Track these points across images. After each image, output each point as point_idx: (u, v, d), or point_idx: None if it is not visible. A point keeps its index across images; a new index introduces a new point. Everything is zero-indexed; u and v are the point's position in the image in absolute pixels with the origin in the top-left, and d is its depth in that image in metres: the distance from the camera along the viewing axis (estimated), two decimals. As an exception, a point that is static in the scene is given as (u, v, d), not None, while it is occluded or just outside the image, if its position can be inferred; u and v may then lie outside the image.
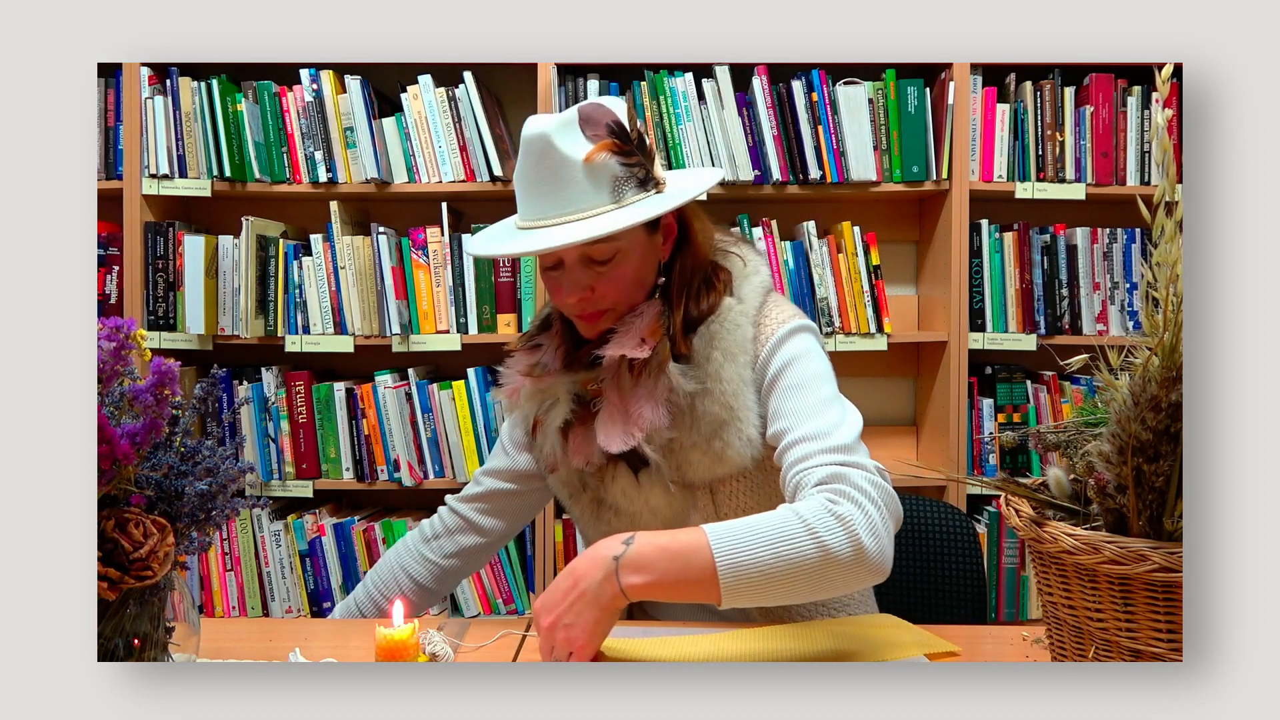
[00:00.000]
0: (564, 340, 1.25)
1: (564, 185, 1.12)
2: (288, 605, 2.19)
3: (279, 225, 2.22)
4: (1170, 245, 0.78)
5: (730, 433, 1.15)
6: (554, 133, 1.11)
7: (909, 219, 2.38)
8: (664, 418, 1.14)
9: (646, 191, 1.14)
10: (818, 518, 0.97)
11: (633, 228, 1.13)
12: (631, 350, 1.14)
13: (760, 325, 1.18)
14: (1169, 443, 0.76)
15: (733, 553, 0.95)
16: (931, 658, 1.07)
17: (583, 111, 1.14)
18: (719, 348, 1.16)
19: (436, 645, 1.06)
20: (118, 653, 0.84)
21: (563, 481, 1.28)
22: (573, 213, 1.12)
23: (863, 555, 0.98)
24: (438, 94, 2.12)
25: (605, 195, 1.12)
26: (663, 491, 1.19)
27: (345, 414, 2.17)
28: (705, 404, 1.15)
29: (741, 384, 1.15)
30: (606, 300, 1.17)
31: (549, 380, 1.22)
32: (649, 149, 1.16)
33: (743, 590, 0.95)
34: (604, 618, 0.97)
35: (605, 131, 1.13)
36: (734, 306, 1.19)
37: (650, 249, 1.19)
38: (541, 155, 1.12)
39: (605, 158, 1.11)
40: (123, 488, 0.84)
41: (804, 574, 0.96)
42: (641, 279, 1.19)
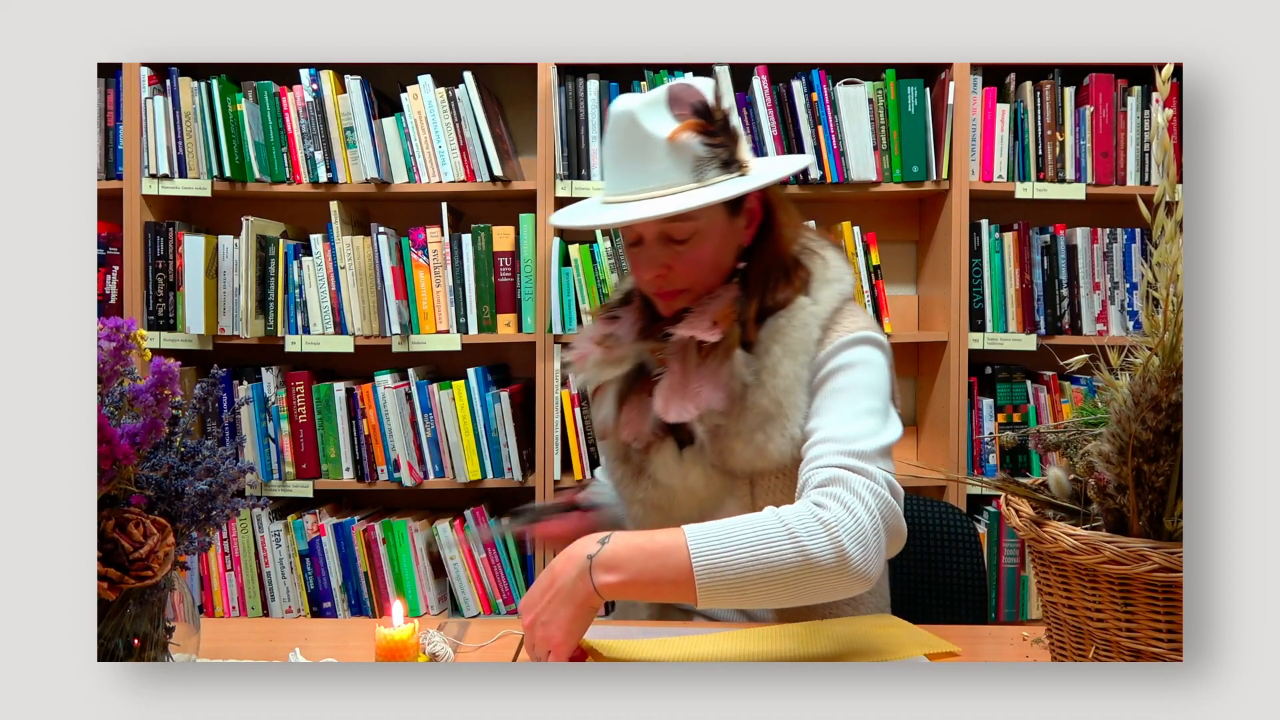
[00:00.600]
0: (641, 315, 1.27)
1: (646, 162, 1.13)
2: (288, 605, 2.19)
3: (279, 225, 2.22)
4: (1170, 245, 0.78)
5: (774, 428, 1.15)
6: (640, 111, 1.13)
7: (909, 219, 2.38)
8: (721, 401, 1.15)
9: (729, 173, 1.15)
10: (801, 522, 0.97)
11: (712, 208, 1.14)
12: (703, 332, 1.15)
13: (828, 331, 1.18)
14: (1169, 443, 0.76)
15: (710, 553, 0.95)
16: (931, 658, 1.07)
17: (672, 90, 1.15)
18: (781, 342, 1.16)
19: (436, 645, 1.06)
20: (118, 653, 0.84)
21: (610, 447, 1.30)
22: (653, 189, 1.13)
23: (845, 563, 0.97)
24: (438, 94, 2.12)
25: (687, 174, 1.13)
26: (703, 473, 1.19)
27: (345, 414, 2.17)
28: (756, 396, 1.15)
29: (795, 382, 1.15)
30: (682, 280, 1.18)
31: (618, 350, 1.24)
32: (734, 131, 1.17)
33: (719, 591, 0.95)
34: (579, 615, 0.96)
35: (690, 111, 1.14)
36: (807, 306, 1.18)
37: (731, 232, 1.20)
38: (627, 132, 1.14)
39: (689, 137, 1.13)
40: (123, 488, 0.84)
41: (782, 578, 0.95)
42: (719, 262, 1.20)
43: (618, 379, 1.25)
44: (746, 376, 1.15)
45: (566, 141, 2.12)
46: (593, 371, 1.27)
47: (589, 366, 1.27)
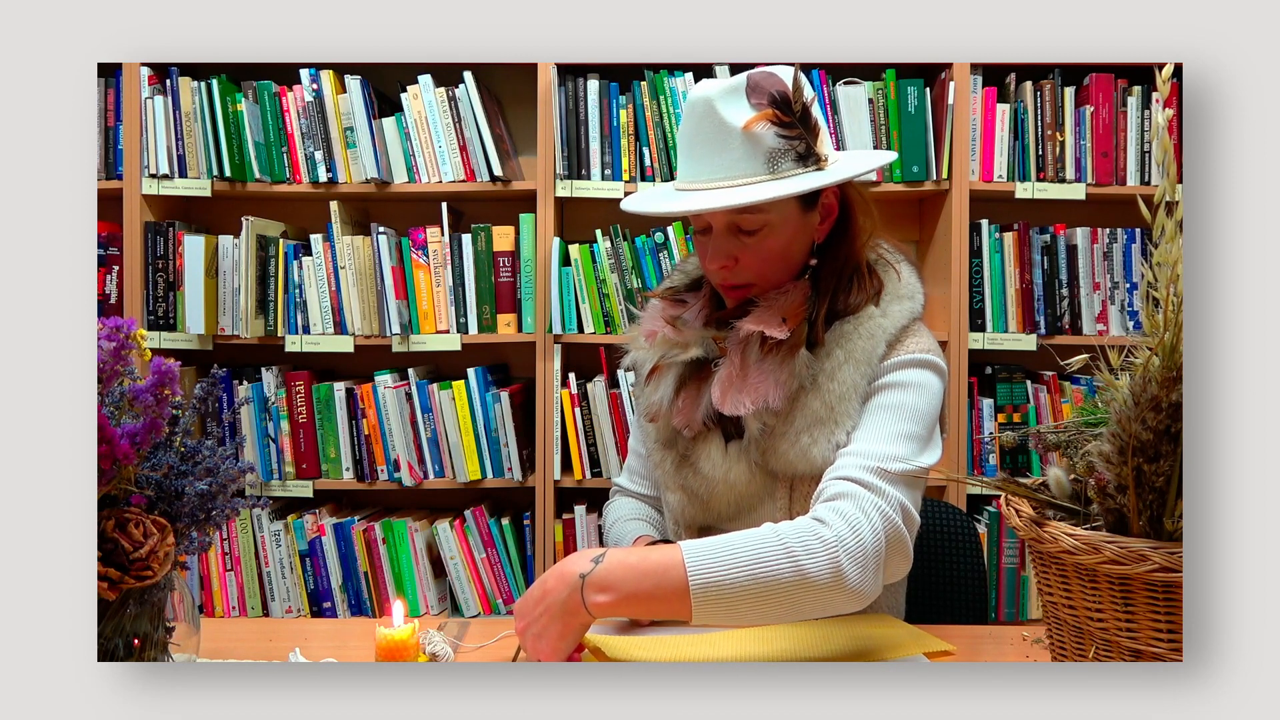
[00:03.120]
0: (709, 303, 1.25)
1: (720, 150, 1.11)
2: (288, 605, 2.19)
3: (279, 225, 2.22)
4: (1170, 245, 0.78)
5: (821, 433, 1.12)
6: (717, 97, 1.10)
7: (909, 219, 2.38)
8: (779, 399, 1.12)
9: (805, 167, 1.12)
10: (799, 539, 0.96)
11: (784, 201, 1.12)
12: (771, 329, 1.13)
13: (893, 347, 1.15)
14: (1169, 443, 0.76)
15: (706, 571, 0.94)
16: (929, 657, 1.07)
17: (751, 79, 1.12)
18: (844, 348, 1.14)
19: (436, 645, 1.06)
20: (118, 653, 0.84)
21: (657, 430, 1.27)
22: (725, 179, 1.11)
23: (840, 581, 0.96)
24: (438, 94, 2.12)
25: (760, 165, 1.11)
26: (746, 469, 1.18)
27: (345, 414, 2.17)
28: (809, 398, 1.13)
29: (852, 390, 1.12)
30: (749, 272, 1.16)
31: (687, 334, 1.22)
32: (813, 123, 1.13)
33: (714, 608, 0.95)
34: (568, 633, 0.97)
35: (768, 101, 1.11)
36: (876, 318, 1.15)
37: (804, 228, 1.17)
38: (702, 118, 1.12)
39: (764, 127, 1.10)
40: (123, 488, 0.84)
41: (777, 595, 0.95)
42: (789, 257, 1.17)
43: (679, 364, 1.22)
44: (805, 378, 1.13)
45: (566, 141, 2.12)
46: (658, 350, 1.24)
47: (657, 344, 1.24)
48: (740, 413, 1.14)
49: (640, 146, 2.12)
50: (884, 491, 1.02)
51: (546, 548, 2.15)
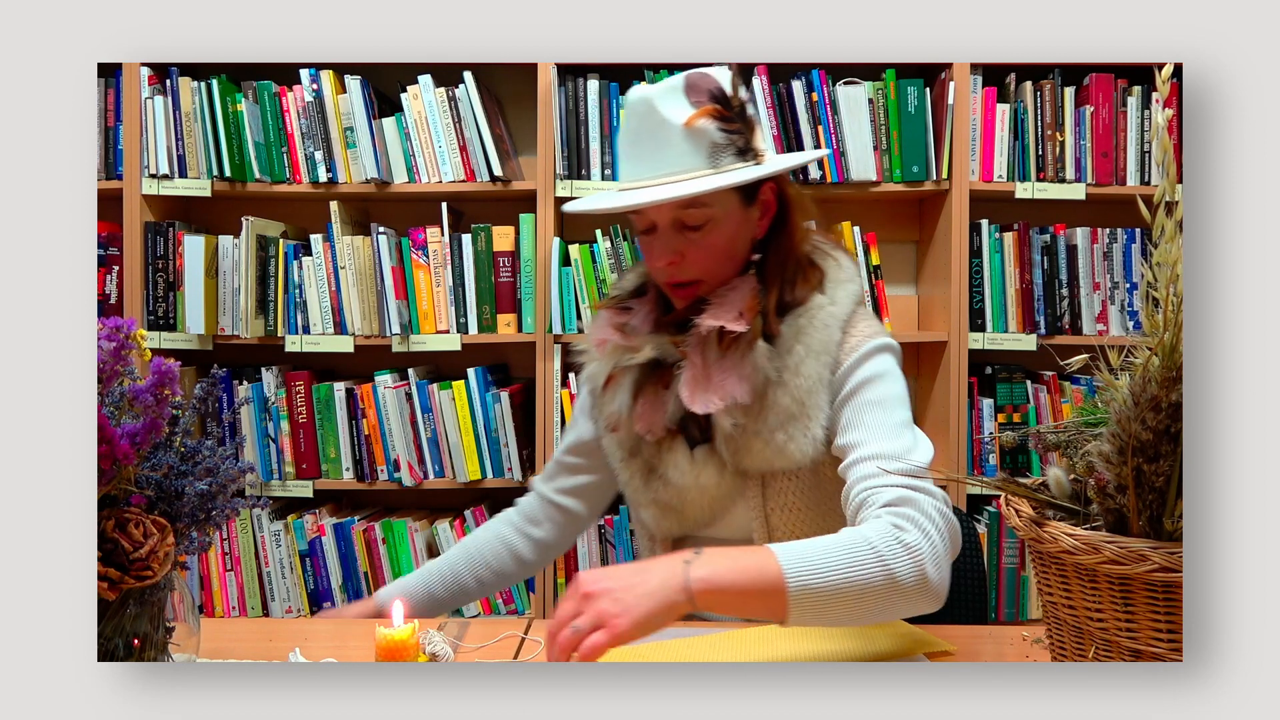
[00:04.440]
0: (655, 307, 1.26)
1: (662, 147, 1.13)
2: (288, 605, 2.19)
3: (279, 225, 2.22)
4: (1170, 245, 0.78)
5: (796, 428, 1.14)
6: (657, 97, 1.13)
7: (909, 219, 2.38)
8: (746, 393, 1.14)
9: (745, 161, 1.15)
10: (886, 545, 0.98)
11: (726, 196, 1.14)
12: (730, 322, 1.14)
13: (848, 333, 1.18)
14: (1169, 443, 0.76)
15: (803, 572, 0.95)
16: (930, 657, 1.07)
17: (689, 78, 1.15)
18: (804, 343, 1.16)
19: (436, 645, 1.06)
20: (118, 653, 0.84)
21: (619, 442, 1.28)
22: (667, 174, 1.13)
23: (925, 584, 0.99)
24: (438, 94, 2.12)
25: (702, 160, 1.13)
26: (716, 472, 1.19)
27: (345, 414, 2.17)
28: (778, 395, 1.15)
29: (819, 383, 1.15)
30: (695, 268, 1.18)
31: (636, 339, 1.23)
32: (750, 119, 1.16)
33: (808, 608, 0.95)
34: (658, 613, 0.91)
35: (707, 98, 1.13)
36: (825, 306, 1.18)
37: (745, 222, 1.20)
38: (643, 118, 1.14)
39: (705, 123, 1.12)
40: (123, 488, 0.84)
41: (869, 598, 0.97)
42: (733, 251, 1.19)
43: (634, 369, 1.23)
44: (769, 371, 1.14)
45: (566, 141, 2.12)
46: (610, 358, 1.25)
47: (608, 353, 1.25)
48: (710, 410, 1.15)
49: (640, 146, 2.12)
50: (930, 490, 1.05)
51: (546, 548, 2.15)
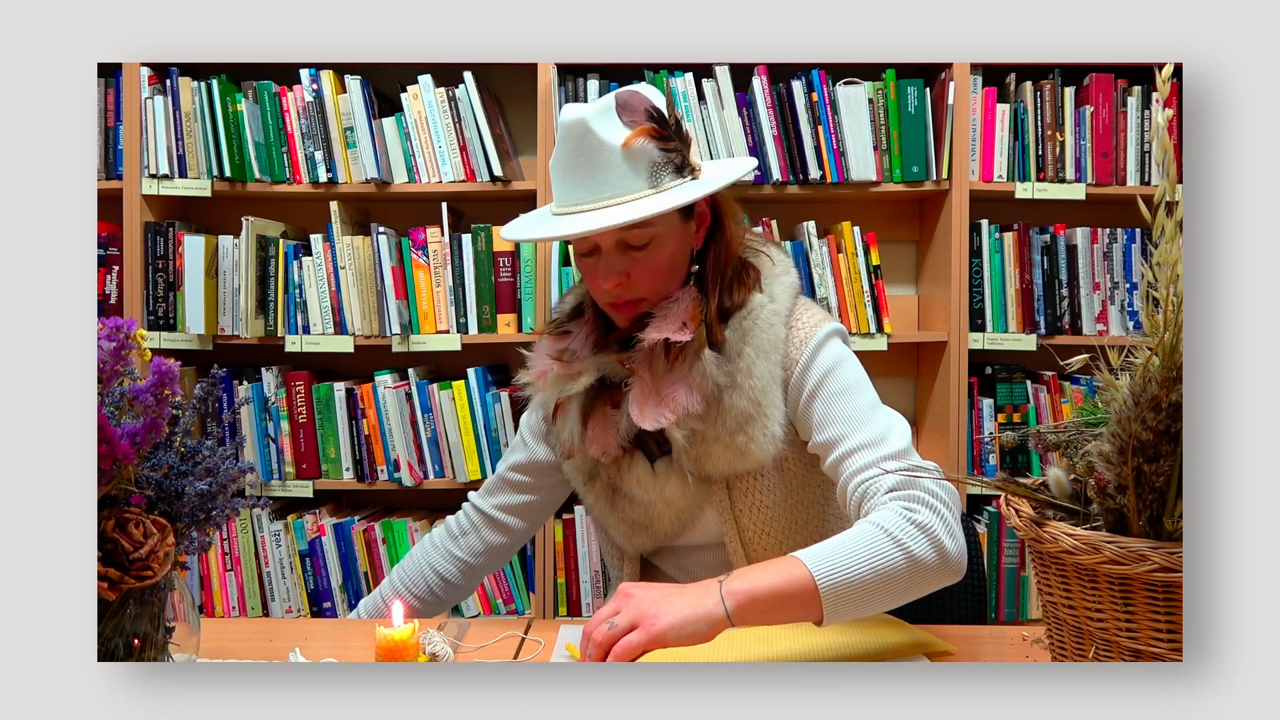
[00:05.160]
0: (595, 328, 1.26)
1: (601, 170, 1.12)
2: (288, 605, 2.19)
3: (279, 225, 2.22)
4: (1170, 245, 0.78)
5: (755, 428, 1.15)
6: (592, 119, 1.11)
7: (909, 219, 2.38)
8: (698, 403, 1.14)
9: (683, 177, 1.15)
10: (900, 528, 1.00)
11: (668, 214, 1.14)
12: (674, 333, 1.14)
13: (793, 327, 1.19)
14: (1169, 443, 0.76)
15: (830, 570, 0.97)
16: (930, 657, 1.07)
17: (619, 98, 1.14)
18: (751, 344, 1.16)
19: (436, 645, 1.06)
20: (118, 653, 0.84)
21: (577, 468, 1.28)
22: (610, 198, 1.12)
23: (946, 558, 1.01)
24: (438, 94, 2.12)
25: (643, 180, 1.13)
26: (679, 483, 1.19)
27: (345, 414, 2.17)
28: (733, 398, 1.15)
29: (771, 381, 1.16)
30: (641, 287, 1.18)
31: (577, 364, 1.23)
32: (686, 135, 1.17)
33: (841, 604, 0.97)
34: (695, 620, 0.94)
35: (644, 117, 1.13)
36: (766, 305, 1.19)
37: (685, 236, 1.20)
38: (579, 141, 1.12)
39: (643, 143, 1.12)
40: (123, 488, 0.84)
41: (895, 583, 0.99)
42: (675, 266, 1.20)
43: (580, 394, 1.22)
44: (720, 377, 1.14)
45: (566, 141, 2.11)
46: (554, 388, 1.24)
47: (549, 383, 1.24)
48: (663, 424, 1.15)
49: (640, 146, 2.12)
50: (925, 466, 1.06)
51: (546, 548, 2.15)
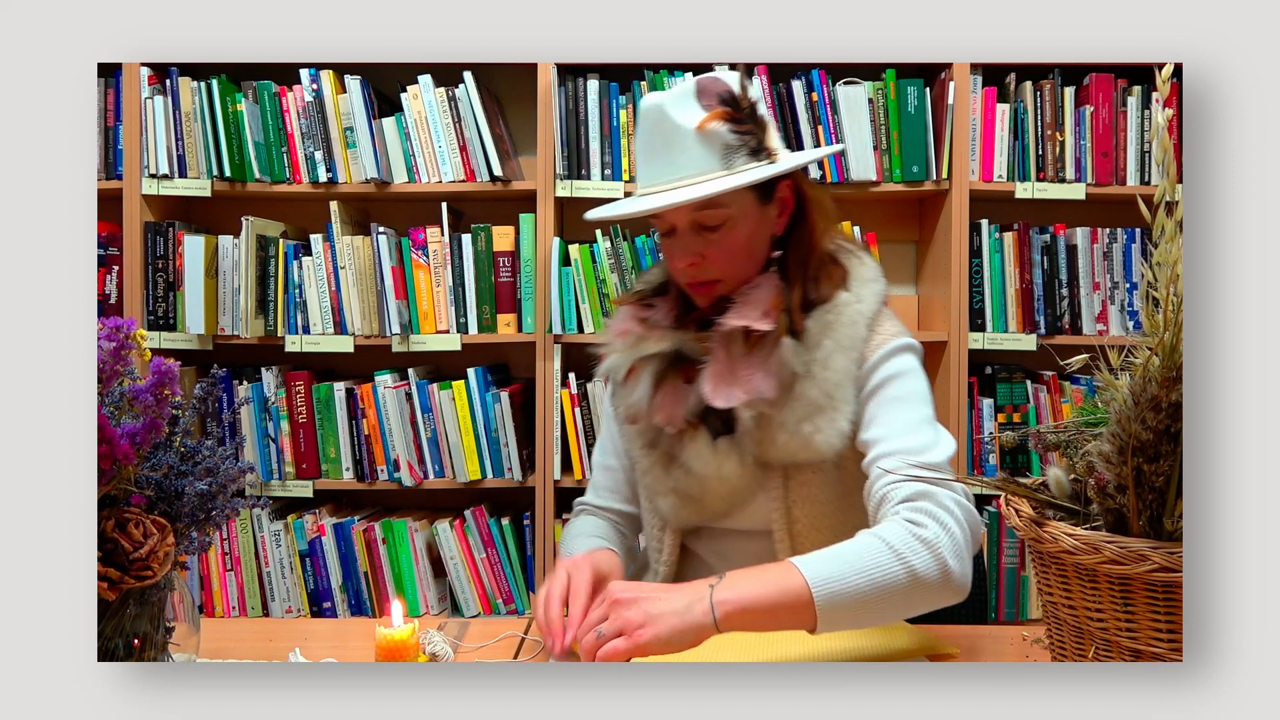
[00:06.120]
0: (676, 305, 1.27)
1: (676, 152, 1.15)
2: (288, 605, 2.19)
3: (279, 225, 2.22)
4: (1170, 245, 0.78)
5: (824, 420, 1.15)
6: (668, 103, 1.15)
7: (909, 219, 2.38)
8: (771, 388, 1.14)
9: (758, 161, 1.16)
10: (903, 542, 0.99)
11: (743, 196, 1.17)
12: (756, 321, 1.15)
13: (874, 330, 1.20)
14: (1169, 443, 0.76)
15: (826, 580, 0.96)
16: (931, 657, 1.07)
17: (699, 83, 1.17)
18: (832, 337, 1.17)
19: (436, 645, 1.06)
20: (118, 653, 0.84)
21: (639, 433, 1.28)
22: (683, 178, 1.15)
23: (948, 576, 1.00)
24: (438, 94, 2.12)
25: (716, 162, 1.15)
26: (738, 462, 1.19)
27: (345, 414, 2.17)
28: (806, 387, 1.15)
29: (846, 376, 1.16)
30: (716, 268, 1.19)
31: (659, 332, 1.25)
32: (762, 119, 1.18)
33: (836, 614, 0.96)
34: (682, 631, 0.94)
35: (718, 101, 1.15)
36: (852, 304, 1.20)
37: (763, 220, 1.21)
38: (656, 124, 1.16)
39: (717, 126, 1.14)
40: (123, 488, 0.84)
41: (894, 596, 0.98)
42: (752, 250, 1.21)
43: (654, 360, 1.23)
44: (796, 366, 1.15)
45: (566, 141, 2.12)
46: (633, 349, 1.25)
47: (629, 344, 1.26)
48: (734, 404, 1.16)
49: (640, 146, 2.12)
50: (949, 484, 1.06)
51: (546, 548, 2.15)
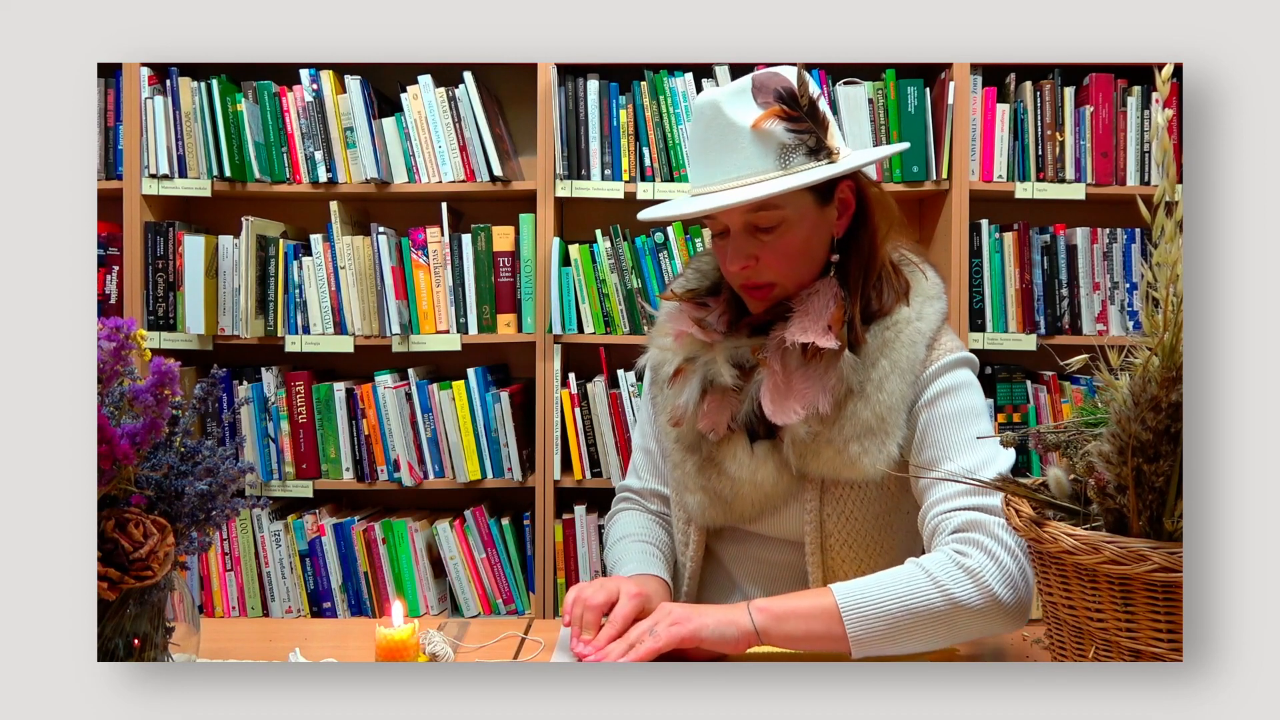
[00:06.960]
0: (729, 308, 1.24)
1: (730, 151, 1.11)
2: (288, 605, 2.19)
3: (279, 225, 2.22)
4: (1170, 245, 0.78)
5: (873, 443, 1.12)
6: (724, 100, 1.11)
7: (909, 219, 2.37)
8: (827, 405, 1.12)
9: (816, 160, 1.12)
10: (943, 570, 1.00)
11: (800, 197, 1.12)
12: (820, 338, 1.11)
13: (932, 350, 1.16)
14: (1169, 443, 0.76)
15: (859, 604, 0.99)
16: (931, 657, 1.07)
17: (756, 79, 1.12)
18: (889, 357, 1.13)
19: (436, 645, 1.06)
20: (118, 653, 0.84)
21: (680, 435, 1.25)
22: (737, 178, 1.11)
23: (996, 604, 1.00)
24: (438, 94, 2.12)
25: (771, 161, 1.10)
26: (775, 470, 1.16)
27: (345, 414, 2.17)
28: (857, 406, 1.12)
29: (900, 402, 1.13)
30: (770, 271, 1.15)
31: (714, 337, 1.21)
32: (821, 117, 1.13)
33: (870, 639, 0.99)
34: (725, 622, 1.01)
35: (774, 98, 1.11)
36: (912, 321, 1.16)
37: (821, 223, 1.16)
38: (710, 122, 1.12)
39: (773, 124, 1.10)
40: (123, 488, 0.84)
41: (935, 624, 0.99)
42: (809, 253, 1.16)
43: (705, 367, 1.20)
44: (853, 382, 1.12)
45: (566, 141, 2.12)
46: (686, 352, 1.22)
47: (684, 346, 1.22)
48: (791, 420, 1.13)
49: (640, 147, 2.12)
50: (996, 506, 1.04)
51: (546, 548, 2.15)
